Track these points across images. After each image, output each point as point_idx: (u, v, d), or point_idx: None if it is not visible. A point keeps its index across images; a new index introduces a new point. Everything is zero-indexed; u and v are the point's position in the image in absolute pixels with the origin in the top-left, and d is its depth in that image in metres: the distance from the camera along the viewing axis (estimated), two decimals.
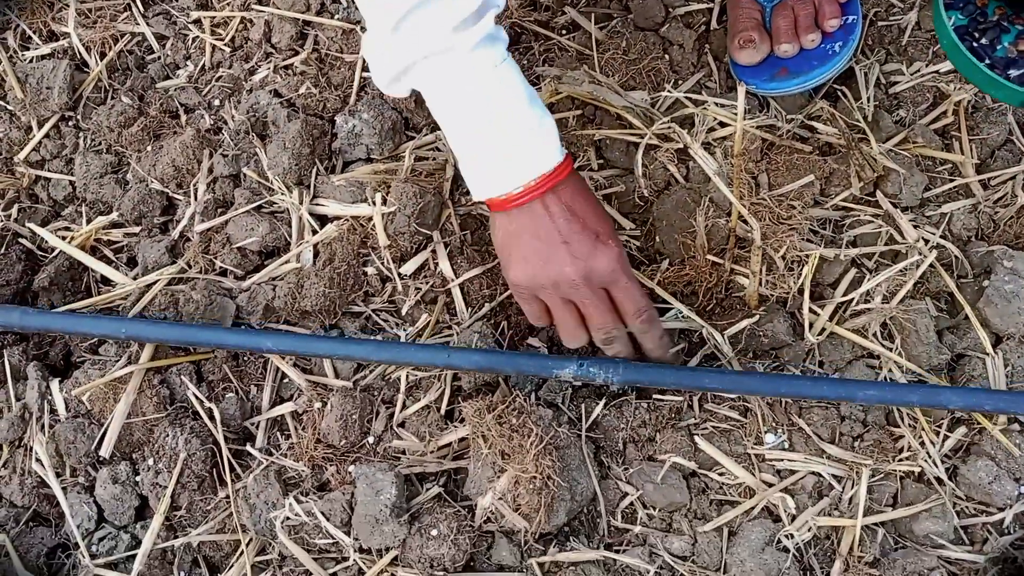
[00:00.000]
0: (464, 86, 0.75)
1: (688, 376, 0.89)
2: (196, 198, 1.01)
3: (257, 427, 0.93)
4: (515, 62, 0.77)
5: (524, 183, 0.76)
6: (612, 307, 0.82)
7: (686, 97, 1.02)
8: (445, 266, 0.97)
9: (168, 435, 0.88)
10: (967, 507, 0.89)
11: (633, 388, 0.95)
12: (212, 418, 0.90)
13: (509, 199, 0.77)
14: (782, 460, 0.90)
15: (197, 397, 0.91)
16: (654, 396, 0.95)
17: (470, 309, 0.96)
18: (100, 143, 1.09)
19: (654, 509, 0.90)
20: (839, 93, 1.05)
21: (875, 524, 0.87)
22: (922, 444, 0.90)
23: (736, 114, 1.00)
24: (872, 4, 1.11)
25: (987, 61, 0.70)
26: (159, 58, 1.14)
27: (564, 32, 1.10)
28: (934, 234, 0.98)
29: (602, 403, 0.92)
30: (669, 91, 1.03)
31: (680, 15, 1.09)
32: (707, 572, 0.87)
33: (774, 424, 0.92)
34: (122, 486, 0.88)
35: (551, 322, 0.86)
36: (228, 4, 1.14)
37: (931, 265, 0.96)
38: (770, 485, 0.89)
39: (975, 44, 0.71)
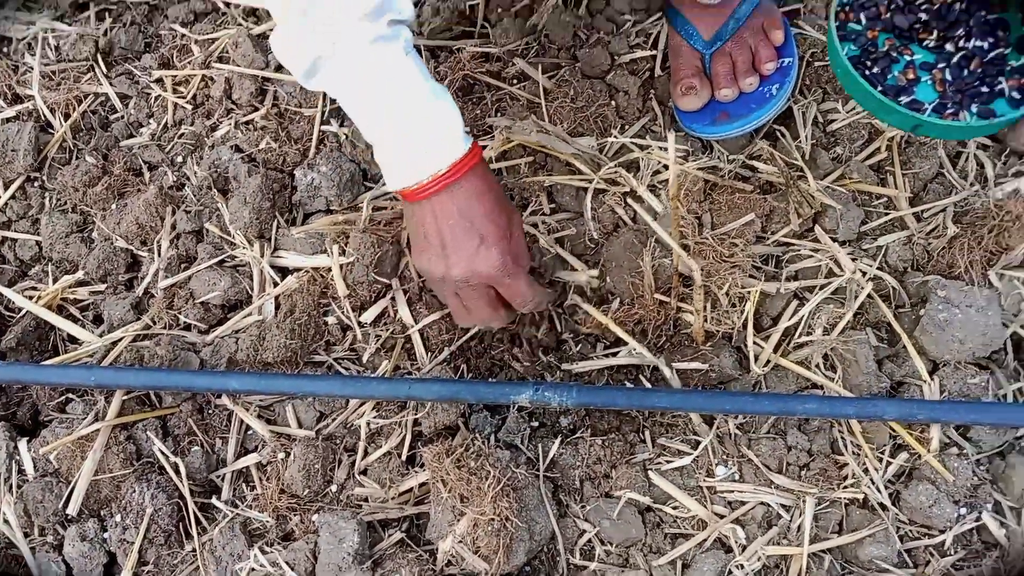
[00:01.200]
0: (362, 81, 0.78)
1: (638, 396, 0.92)
2: (160, 254, 1.04)
3: (223, 479, 0.96)
4: (420, 59, 0.81)
5: (424, 177, 0.79)
6: (496, 299, 0.88)
7: (632, 142, 1.07)
8: (404, 312, 1.00)
9: (135, 491, 0.91)
10: (910, 531, 0.93)
11: (588, 426, 0.99)
12: (178, 472, 0.92)
13: (412, 192, 0.81)
14: (732, 492, 0.94)
15: (163, 452, 0.93)
16: (609, 433, 0.98)
17: (430, 354, 1.00)
18: (65, 203, 1.11)
19: (611, 545, 0.93)
20: (778, 133, 1.10)
21: (822, 551, 0.91)
22: (865, 471, 0.94)
23: (678, 158, 1.04)
24: (808, 45, 1.15)
25: (879, 88, 0.74)
26: (122, 117, 1.17)
27: (515, 82, 1.14)
28: (871, 266, 1.03)
29: (558, 441, 0.96)
30: (616, 136, 1.08)
31: (625, 63, 1.14)
32: None
33: (724, 456, 0.96)
34: (90, 543, 0.90)
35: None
36: (189, 63, 1.18)
37: (869, 296, 1.01)
38: (722, 516, 0.93)
39: (867, 73, 0.76)
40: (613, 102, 1.11)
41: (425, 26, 1.18)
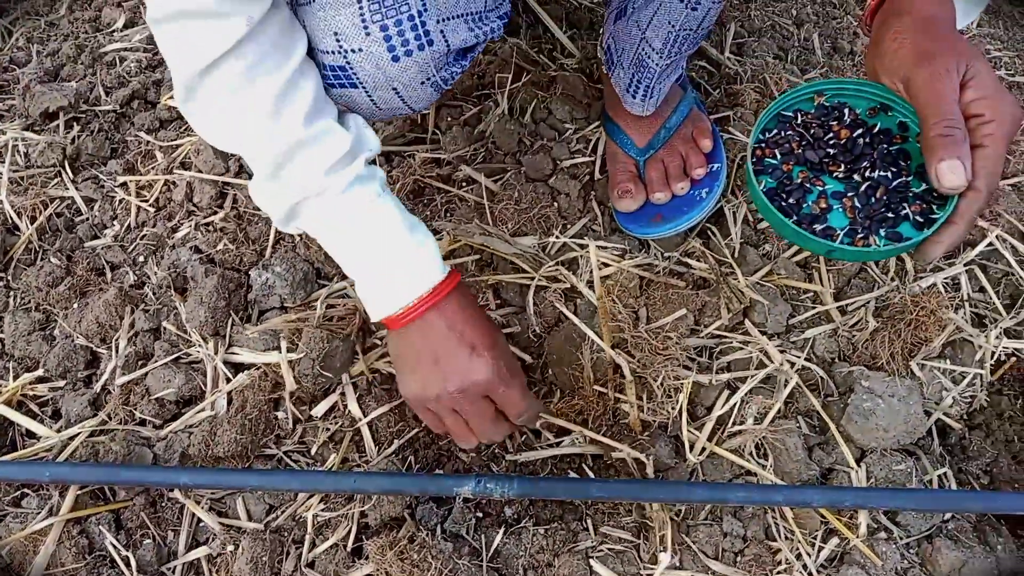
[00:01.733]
0: (341, 224, 0.83)
1: (577, 487, 0.96)
2: (118, 352, 1.07)
3: (174, 572, 0.97)
4: (393, 196, 0.86)
5: (406, 303, 0.84)
6: (494, 412, 0.89)
7: (572, 241, 1.13)
8: (353, 406, 1.04)
9: None
10: None
11: (531, 515, 1.02)
12: (128, 566, 0.94)
13: (397, 318, 0.84)
14: None
15: (114, 545, 0.95)
16: (552, 522, 1.01)
17: (379, 446, 1.03)
18: (29, 302, 1.15)
19: None
20: (710, 232, 1.17)
21: None
22: (798, 556, 0.98)
23: (616, 256, 1.11)
24: (739, 149, 1.24)
25: (795, 218, 0.81)
26: (87, 219, 1.22)
27: (463, 185, 1.21)
28: (799, 357, 1.08)
29: (502, 531, 0.99)
30: (557, 236, 1.14)
31: (566, 167, 1.21)
32: None
33: (664, 545, 0.99)
34: None
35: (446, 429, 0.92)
36: (153, 168, 1.24)
37: (798, 385, 1.06)
38: None
39: (784, 204, 0.83)
40: (555, 203, 1.18)
41: (379, 133, 1.25)
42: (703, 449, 1.03)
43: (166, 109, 1.32)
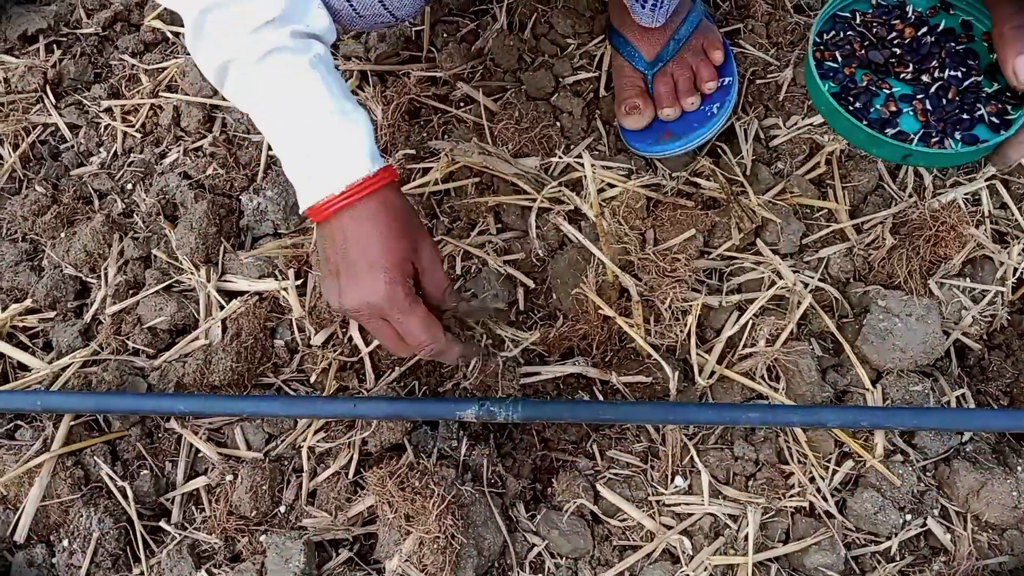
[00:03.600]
0: (260, 94, 0.76)
1: (584, 409, 0.93)
2: (107, 281, 1.04)
3: (172, 502, 0.95)
4: (333, 75, 0.78)
5: (323, 196, 0.76)
6: (395, 333, 0.81)
7: (575, 161, 1.08)
8: (355, 335, 1.01)
9: (82, 516, 0.90)
10: (856, 538, 0.94)
11: (544, 440, 0.99)
12: (125, 496, 0.92)
13: (316, 210, 0.77)
14: (679, 504, 0.94)
15: (110, 476, 0.93)
16: (558, 449, 0.99)
17: (379, 375, 1.00)
18: (15, 232, 1.12)
19: (560, 558, 0.93)
20: (720, 150, 1.12)
21: (768, 560, 0.92)
22: (811, 480, 0.95)
23: (621, 176, 1.06)
24: (750, 63, 1.18)
25: (865, 122, 0.76)
26: (72, 147, 1.18)
27: (461, 105, 1.16)
28: (813, 277, 1.04)
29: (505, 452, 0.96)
30: (560, 156, 1.09)
31: (569, 84, 1.16)
32: None
33: (675, 469, 0.96)
34: (38, 569, 0.90)
35: None
36: (138, 92, 1.19)
37: (812, 307, 1.02)
38: (669, 528, 0.93)
39: (850, 108, 0.78)
40: (558, 123, 1.13)
41: (372, 51, 1.19)
42: (712, 372, 1.00)
43: (150, 31, 1.27)
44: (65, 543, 0.90)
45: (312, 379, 0.99)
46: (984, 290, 1.03)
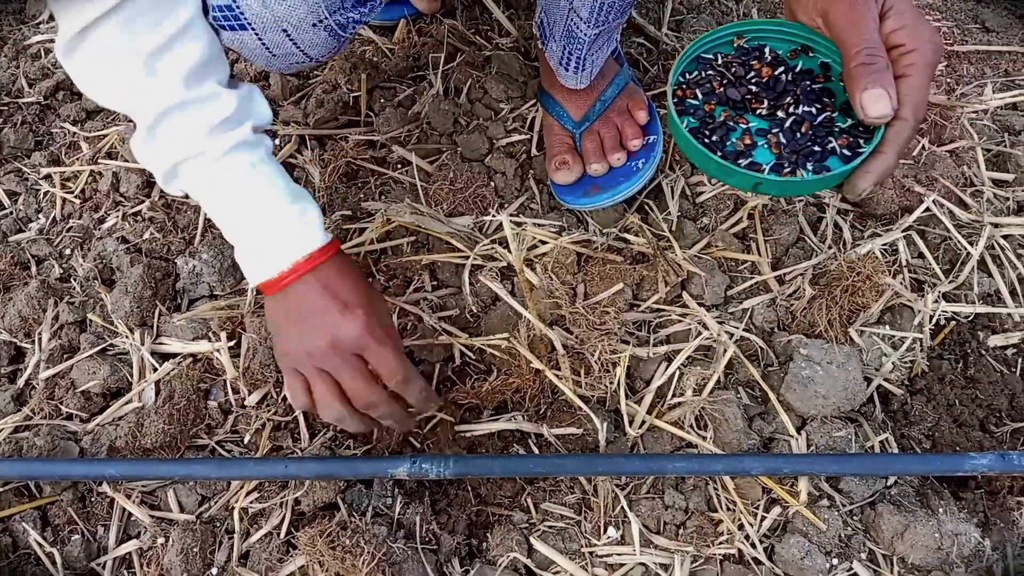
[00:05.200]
0: (220, 187, 0.81)
1: (515, 463, 0.94)
2: (41, 346, 1.04)
3: (103, 567, 0.95)
4: (278, 164, 0.84)
5: (283, 268, 0.81)
6: (368, 373, 0.85)
7: (509, 219, 1.12)
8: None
9: None
10: None
11: (478, 495, 1.00)
12: (54, 563, 0.91)
13: (274, 282, 0.82)
14: (611, 555, 0.95)
15: (38, 542, 0.92)
16: (493, 503, 1.00)
17: (313, 435, 1.01)
18: None
19: None
20: (648, 207, 1.16)
21: None
22: (740, 527, 0.97)
23: (552, 232, 1.10)
24: None
25: (719, 153, 0.80)
26: (11, 213, 1.19)
27: (399, 167, 1.19)
28: (737, 328, 1.08)
29: (437, 509, 0.97)
30: (493, 215, 1.13)
31: (503, 146, 1.20)
32: None
33: (608, 519, 0.98)
34: None
35: (312, 402, 0.86)
36: (78, 159, 1.21)
37: (736, 355, 1.05)
38: None
39: (707, 141, 0.82)
40: (492, 183, 1.17)
41: (310, 116, 1.23)
42: (643, 422, 1.02)
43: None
44: None
45: (246, 439, 1.00)
46: (903, 337, 1.07)
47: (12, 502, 0.95)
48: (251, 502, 0.96)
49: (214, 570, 0.93)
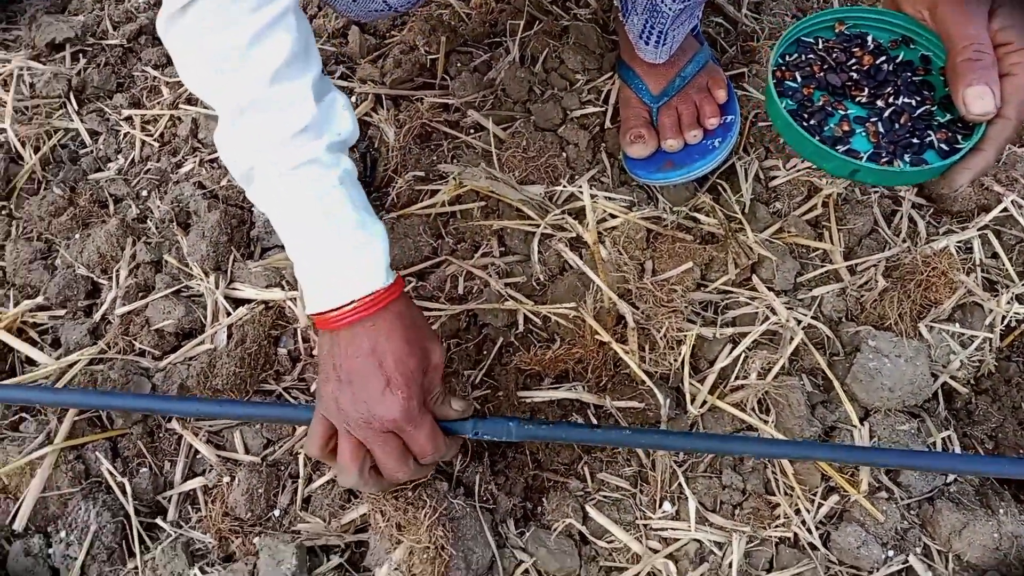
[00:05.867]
0: (287, 202, 0.77)
1: (578, 432, 0.94)
2: (118, 283, 1.07)
3: (169, 500, 0.97)
4: (356, 188, 0.79)
5: (339, 304, 0.76)
6: (401, 449, 0.80)
7: (578, 191, 1.12)
8: None
9: (81, 508, 0.92)
10: (838, 571, 0.95)
11: (536, 461, 1.01)
12: (124, 492, 0.94)
13: (328, 319, 0.77)
14: (666, 529, 0.96)
15: (111, 472, 0.95)
16: (549, 470, 1.01)
17: None
18: (31, 231, 1.15)
19: (547, 575, 0.95)
20: (720, 188, 1.15)
21: None
22: (797, 512, 0.97)
23: (623, 207, 1.09)
24: (752, 106, 1.22)
25: (817, 138, 0.79)
26: (91, 152, 1.21)
27: (471, 132, 1.19)
28: (806, 315, 1.07)
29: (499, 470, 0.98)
30: (564, 185, 1.13)
31: (576, 117, 1.20)
32: None
33: (664, 494, 0.98)
34: (34, 559, 0.91)
35: (327, 455, 0.83)
36: (159, 103, 1.23)
37: (804, 343, 1.05)
38: (656, 552, 0.95)
39: (805, 124, 0.81)
40: (564, 153, 1.16)
41: (387, 76, 1.23)
42: (704, 402, 1.02)
43: None
44: (62, 535, 0.92)
45: (312, 388, 1.02)
46: (973, 335, 1.06)
47: (86, 431, 0.98)
48: None
49: (277, 512, 0.95)
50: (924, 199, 1.18)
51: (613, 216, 1.10)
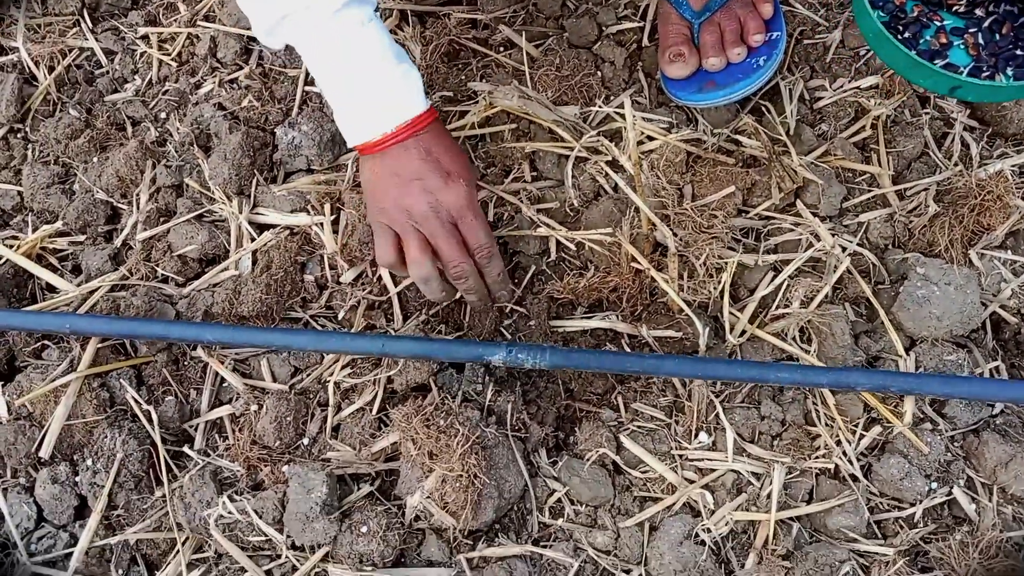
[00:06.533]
0: (330, 42, 0.82)
1: (613, 359, 0.92)
2: (139, 207, 1.03)
3: (195, 429, 0.95)
4: (383, 24, 0.85)
5: (388, 130, 0.84)
6: (461, 242, 0.87)
7: (615, 112, 1.06)
8: (386, 275, 1.00)
9: (107, 436, 0.91)
10: (880, 503, 0.93)
11: (568, 391, 0.99)
12: (150, 420, 0.92)
13: (375, 144, 0.85)
14: (703, 459, 0.94)
15: (136, 400, 0.93)
16: (582, 400, 0.98)
17: (407, 317, 0.99)
18: (48, 154, 1.11)
19: (580, 504, 0.93)
20: (764, 108, 1.09)
21: (790, 519, 0.91)
22: (838, 443, 0.94)
23: (662, 129, 1.04)
24: (798, 23, 1.16)
25: (914, 52, 0.74)
26: (107, 72, 1.17)
27: (501, 49, 1.14)
28: (851, 241, 1.03)
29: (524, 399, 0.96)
30: (600, 106, 1.07)
31: (612, 33, 1.14)
32: (628, 565, 0.90)
33: (700, 424, 0.96)
34: (61, 486, 0.90)
35: (400, 260, 0.88)
36: (176, 20, 1.18)
37: (848, 271, 1.01)
38: (691, 482, 0.92)
39: (899, 37, 0.75)
40: (599, 72, 1.11)
41: None
42: (743, 332, 0.99)
43: None
44: (89, 462, 0.90)
45: (340, 316, 0.99)
46: None
47: (109, 359, 0.96)
48: (344, 377, 0.95)
49: (306, 440, 0.93)
50: (977, 121, 1.12)
51: (651, 138, 1.05)
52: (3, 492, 0.91)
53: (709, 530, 0.89)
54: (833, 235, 1.02)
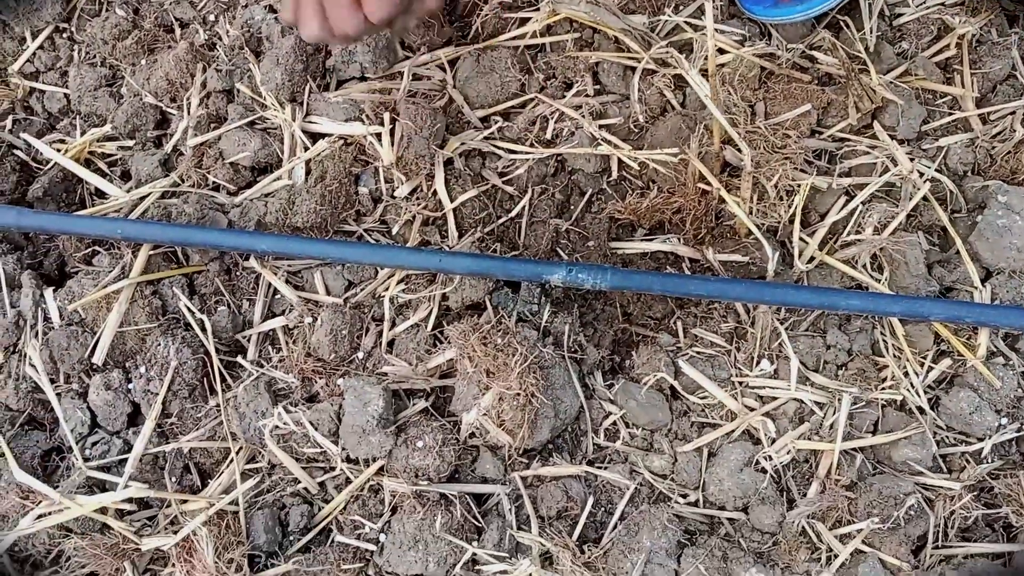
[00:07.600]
0: None
1: (674, 282, 0.89)
2: (189, 112, 1.00)
3: (248, 340, 0.94)
4: None
5: None
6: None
7: (686, 22, 1.01)
8: (441, 190, 0.97)
9: (160, 344, 0.89)
10: (947, 436, 0.91)
11: (626, 314, 0.96)
12: (204, 329, 0.91)
13: None
14: (764, 387, 0.91)
15: (189, 308, 0.91)
16: (639, 324, 0.96)
17: (462, 233, 0.96)
18: (94, 56, 1.08)
19: (636, 428, 0.91)
20: (842, 24, 1.03)
21: (854, 449, 0.89)
22: (906, 374, 0.91)
23: (735, 42, 0.99)
24: None
25: None
26: None
27: None
28: (930, 167, 0.98)
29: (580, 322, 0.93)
30: (669, 15, 1.02)
31: None
32: (685, 490, 0.89)
33: (762, 352, 0.93)
34: (114, 393, 0.90)
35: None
36: None
37: (924, 198, 0.96)
38: (752, 410, 0.90)
39: None
40: None
41: None
42: (812, 258, 0.95)
43: None
44: (142, 370, 0.89)
45: (394, 230, 0.96)
46: None
47: (161, 266, 0.94)
48: (399, 292, 0.93)
49: (360, 354, 0.91)
50: None
51: (722, 52, 1.00)
52: (57, 397, 0.90)
53: (770, 458, 0.88)
54: (911, 159, 0.97)
